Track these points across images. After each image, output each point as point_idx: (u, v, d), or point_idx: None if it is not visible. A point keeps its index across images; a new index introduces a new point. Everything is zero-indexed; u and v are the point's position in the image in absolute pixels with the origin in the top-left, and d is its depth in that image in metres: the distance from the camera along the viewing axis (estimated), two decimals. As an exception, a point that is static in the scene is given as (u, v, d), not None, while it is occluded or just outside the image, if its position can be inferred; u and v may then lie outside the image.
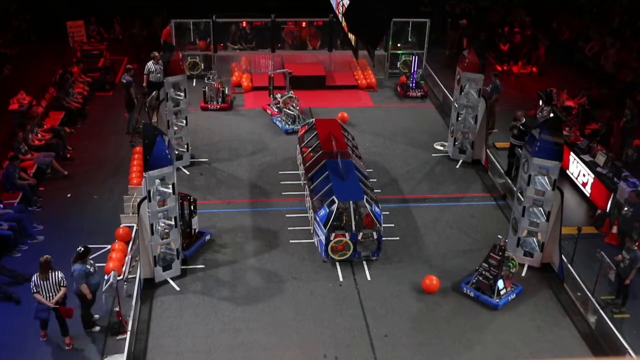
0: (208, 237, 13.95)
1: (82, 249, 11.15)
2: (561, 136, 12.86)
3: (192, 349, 11.18)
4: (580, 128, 17.73)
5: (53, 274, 10.89)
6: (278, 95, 19.82)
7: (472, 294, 12.50)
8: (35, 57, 23.51)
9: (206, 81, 20.07)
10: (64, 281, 10.98)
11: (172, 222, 12.50)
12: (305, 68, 22.86)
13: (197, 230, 13.79)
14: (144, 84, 19.06)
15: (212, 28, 22.41)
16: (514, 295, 12.49)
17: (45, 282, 10.83)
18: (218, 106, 20.00)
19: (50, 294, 10.88)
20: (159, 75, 18.45)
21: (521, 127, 16.24)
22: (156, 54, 18.78)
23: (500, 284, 12.25)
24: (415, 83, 21.60)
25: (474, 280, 12.55)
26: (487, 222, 14.97)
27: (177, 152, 16.27)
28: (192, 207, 13.45)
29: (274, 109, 19.85)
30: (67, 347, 11.15)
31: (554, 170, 12.59)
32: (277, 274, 13.11)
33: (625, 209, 13.80)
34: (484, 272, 12.38)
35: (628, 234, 12.96)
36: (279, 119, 19.33)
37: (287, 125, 18.96)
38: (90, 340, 11.32)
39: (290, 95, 19.73)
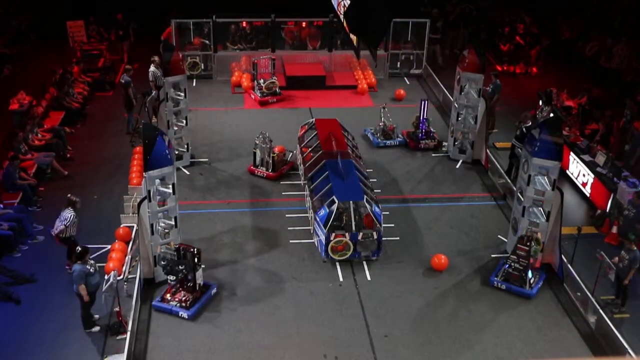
0: (214, 290, 12.36)
1: (80, 249, 11.17)
2: (561, 136, 12.86)
3: (192, 349, 11.18)
4: (580, 128, 17.75)
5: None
6: (261, 81, 20.89)
7: (503, 287, 12.66)
8: (35, 57, 23.52)
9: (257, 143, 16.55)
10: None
11: (172, 222, 12.50)
12: (305, 68, 22.89)
13: (201, 284, 12.15)
14: (154, 91, 18.47)
15: (212, 28, 22.41)
16: (542, 282, 12.73)
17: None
18: (265, 174, 16.45)
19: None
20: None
21: (524, 129, 16.16)
22: (156, 58, 18.74)
23: (530, 273, 12.45)
24: (424, 132, 18.11)
25: (503, 273, 12.70)
26: (487, 222, 14.97)
27: (177, 152, 16.27)
28: (196, 259, 11.81)
29: (257, 94, 20.84)
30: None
31: (554, 170, 12.59)
32: (277, 274, 13.11)
33: (627, 210, 13.78)
34: (513, 264, 12.52)
35: (627, 234, 12.95)
36: (371, 130, 18.40)
37: (379, 139, 18.17)
38: (90, 340, 11.31)
39: (273, 80, 20.93)
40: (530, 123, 16.33)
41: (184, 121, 16.63)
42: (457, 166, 17.32)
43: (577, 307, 12.30)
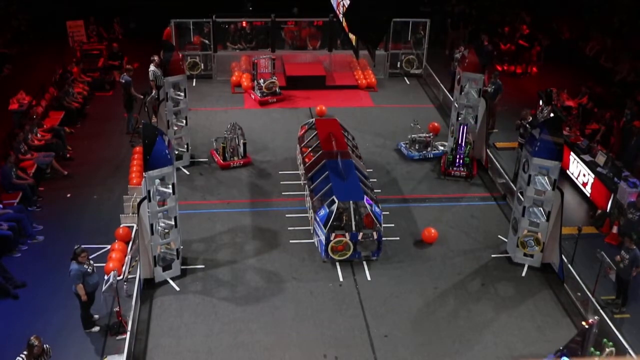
0: None
1: (76, 247, 11.18)
2: (561, 136, 12.86)
3: (192, 349, 11.18)
4: (581, 128, 17.73)
5: None
6: (261, 80, 20.90)
7: None
8: (35, 57, 23.52)
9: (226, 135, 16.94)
10: None
11: (172, 222, 12.49)
12: (305, 68, 22.88)
13: None
14: (153, 91, 18.46)
15: (212, 28, 22.40)
16: None
17: None
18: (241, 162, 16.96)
19: None
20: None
21: (528, 125, 16.24)
22: (156, 57, 18.73)
23: None
24: (461, 160, 16.77)
25: None
26: (487, 222, 14.96)
27: (177, 152, 16.27)
28: None
29: (257, 94, 20.89)
30: None
31: (554, 170, 12.58)
32: (277, 274, 13.10)
33: (631, 214, 13.74)
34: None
35: (629, 234, 12.94)
36: (405, 145, 17.87)
37: (413, 152, 17.60)
38: (90, 340, 11.31)
39: (273, 80, 20.91)
40: (531, 119, 16.40)
41: (184, 121, 16.63)
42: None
43: (577, 307, 12.30)
